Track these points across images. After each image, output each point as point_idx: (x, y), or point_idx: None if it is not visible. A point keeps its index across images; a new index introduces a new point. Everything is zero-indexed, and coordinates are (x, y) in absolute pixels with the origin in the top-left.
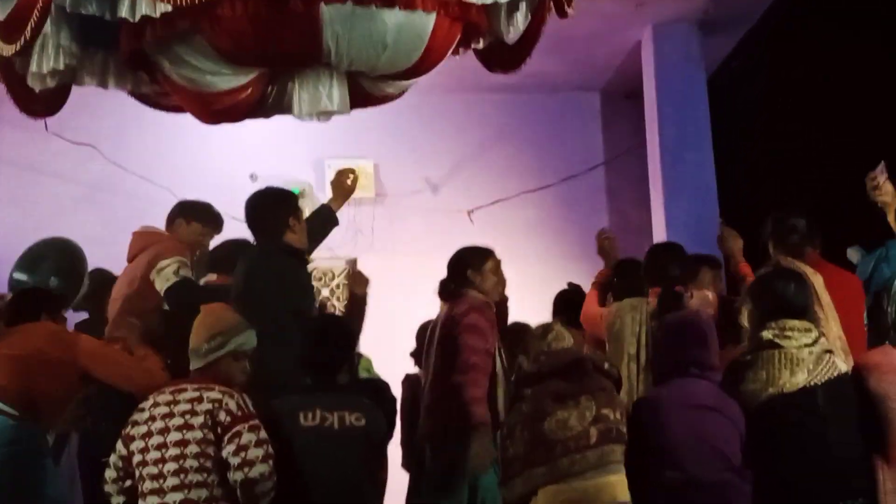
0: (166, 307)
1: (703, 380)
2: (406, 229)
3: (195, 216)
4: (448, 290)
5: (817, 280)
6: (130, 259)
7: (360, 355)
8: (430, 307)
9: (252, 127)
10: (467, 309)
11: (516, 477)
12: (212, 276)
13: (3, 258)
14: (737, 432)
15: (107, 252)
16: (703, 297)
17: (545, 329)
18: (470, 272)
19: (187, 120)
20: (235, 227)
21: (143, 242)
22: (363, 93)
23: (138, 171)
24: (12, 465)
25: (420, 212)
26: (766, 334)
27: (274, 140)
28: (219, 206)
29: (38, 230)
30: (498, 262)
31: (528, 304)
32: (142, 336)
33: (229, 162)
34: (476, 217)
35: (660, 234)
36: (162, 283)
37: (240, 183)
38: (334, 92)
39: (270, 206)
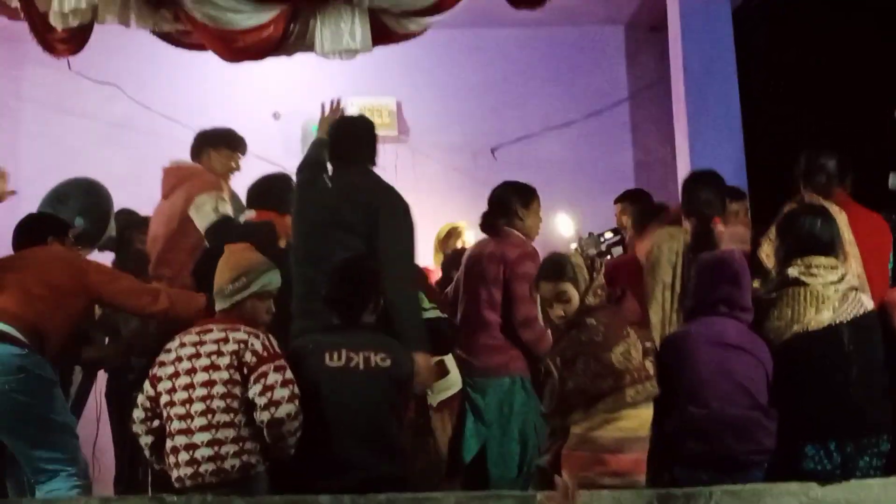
0: (207, 244)
1: (733, 318)
2: (429, 167)
3: (221, 142)
4: (494, 224)
5: (841, 218)
6: (165, 196)
7: None
8: None
9: (274, 65)
10: (521, 255)
11: (578, 408)
12: (251, 213)
13: (28, 196)
14: (763, 372)
15: (131, 191)
16: (736, 233)
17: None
18: (519, 208)
19: (210, 59)
20: (260, 166)
21: (176, 178)
22: (385, 30)
23: (161, 111)
24: (21, 393)
25: (443, 149)
26: (792, 271)
27: (296, 78)
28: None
29: (63, 169)
30: (539, 202)
31: (550, 242)
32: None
33: (252, 100)
34: (500, 154)
35: (684, 169)
36: (202, 221)
37: (262, 121)
38: (356, 29)
39: (370, 136)
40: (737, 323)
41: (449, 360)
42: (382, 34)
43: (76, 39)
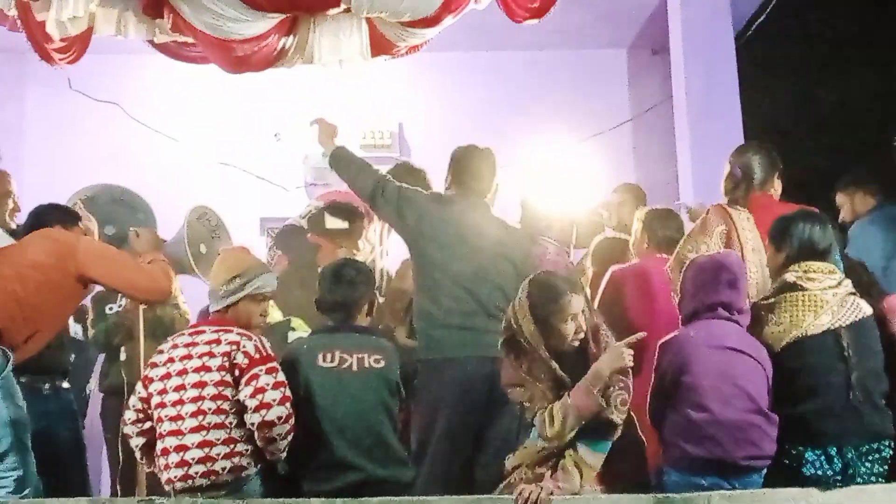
0: None
1: (731, 322)
2: (431, 188)
3: None
4: None
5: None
6: None
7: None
8: None
9: (276, 86)
10: None
11: None
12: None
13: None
14: (764, 375)
15: None
16: None
17: None
18: None
19: (211, 79)
20: (260, 186)
21: None
22: (384, 41)
23: (162, 130)
24: None
25: (445, 171)
26: (789, 276)
27: (298, 99)
28: (243, 165)
29: (65, 187)
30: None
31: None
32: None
33: (253, 121)
34: (503, 175)
35: (686, 192)
36: None
37: (264, 142)
38: (354, 39)
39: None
40: (736, 326)
41: None
42: (382, 46)
43: (74, 49)
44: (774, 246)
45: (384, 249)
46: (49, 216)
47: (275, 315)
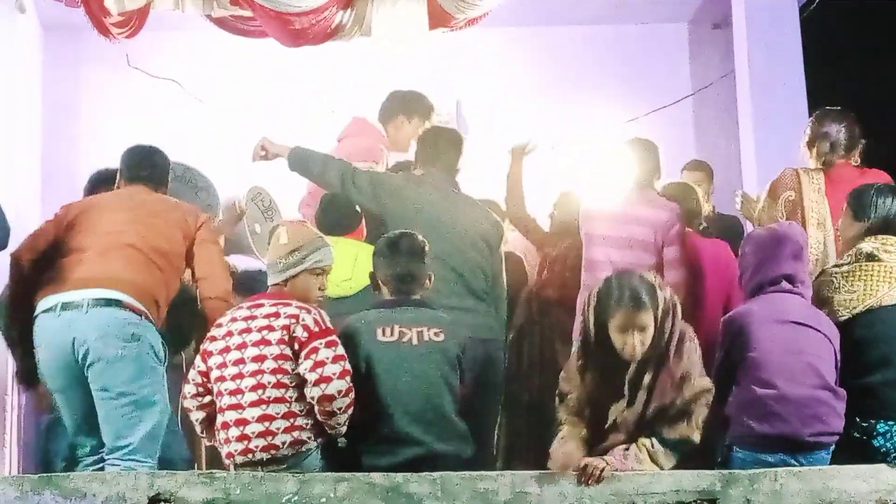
0: None
1: (796, 295)
2: (490, 166)
3: (416, 111)
4: None
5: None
6: (338, 139)
7: None
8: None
9: (333, 63)
10: None
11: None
12: None
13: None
14: (831, 348)
15: None
16: None
17: None
18: None
19: (269, 55)
20: None
21: (352, 129)
22: (443, 14)
23: (220, 106)
24: (134, 361)
25: (504, 148)
26: (866, 246)
27: (355, 77)
28: (300, 139)
29: None
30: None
31: None
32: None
33: (311, 98)
34: (560, 152)
35: (749, 168)
36: None
37: (320, 117)
38: (412, 10)
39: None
40: (801, 299)
41: None
42: (440, 18)
43: (132, 24)
44: (853, 214)
45: None
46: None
47: None
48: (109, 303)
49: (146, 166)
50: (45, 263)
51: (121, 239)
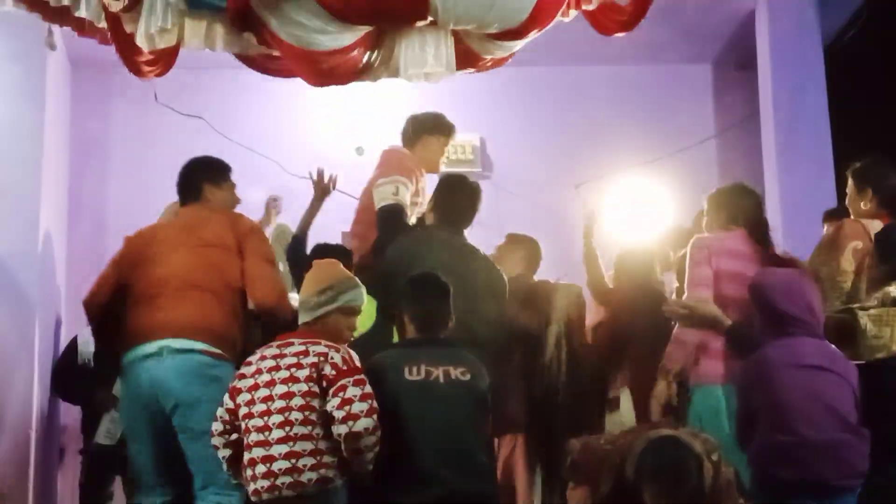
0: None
1: (812, 337)
2: (513, 203)
3: (437, 129)
4: None
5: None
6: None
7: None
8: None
9: (358, 100)
10: None
11: None
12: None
13: (115, 229)
14: (850, 389)
15: None
16: None
17: None
18: None
19: (295, 93)
20: (341, 200)
21: (383, 158)
22: (470, 54)
23: (246, 144)
24: (214, 401)
25: (526, 186)
26: (894, 291)
27: (380, 114)
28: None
29: (150, 202)
30: None
31: None
32: None
33: (336, 135)
34: (584, 190)
35: (773, 209)
36: (378, 202)
37: (346, 156)
38: (441, 51)
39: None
40: (814, 340)
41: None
42: (467, 58)
43: (162, 62)
44: (879, 256)
45: None
46: (197, 179)
47: None
48: (188, 351)
49: (185, 185)
50: (116, 308)
51: (188, 280)
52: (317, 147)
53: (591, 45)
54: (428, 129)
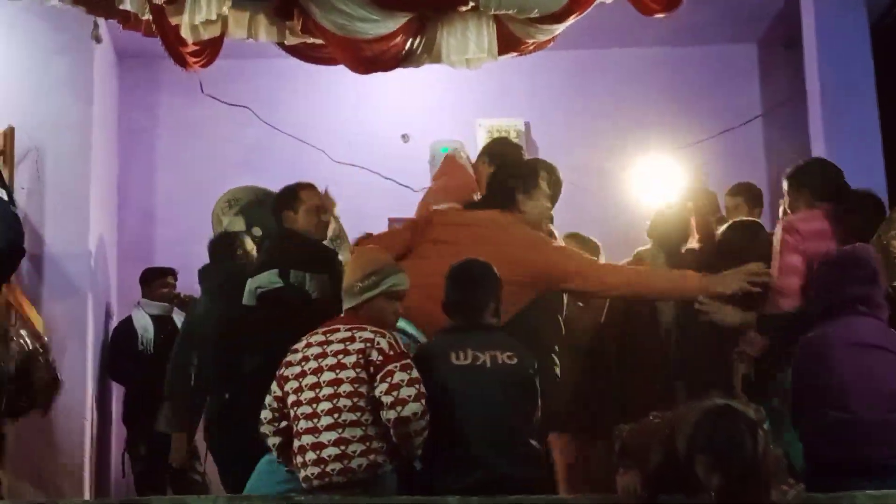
0: None
1: (871, 317)
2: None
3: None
4: None
5: None
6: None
7: None
8: None
9: (403, 87)
10: None
11: None
12: None
13: (163, 220)
14: None
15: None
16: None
17: None
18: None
19: (339, 81)
20: (388, 187)
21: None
22: (512, 38)
23: (292, 133)
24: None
25: (573, 170)
26: None
27: (424, 100)
28: (371, 167)
29: (197, 193)
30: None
31: None
32: None
33: (381, 122)
34: (630, 173)
35: None
36: None
37: (391, 143)
38: (482, 37)
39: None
40: (875, 321)
41: None
42: (509, 43)
43: (207, 53)
44: None
45: None
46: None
47: None
48: None
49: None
50: None
51: None
52: (362, 135)
53: (635, 28)
54: (491, 154)
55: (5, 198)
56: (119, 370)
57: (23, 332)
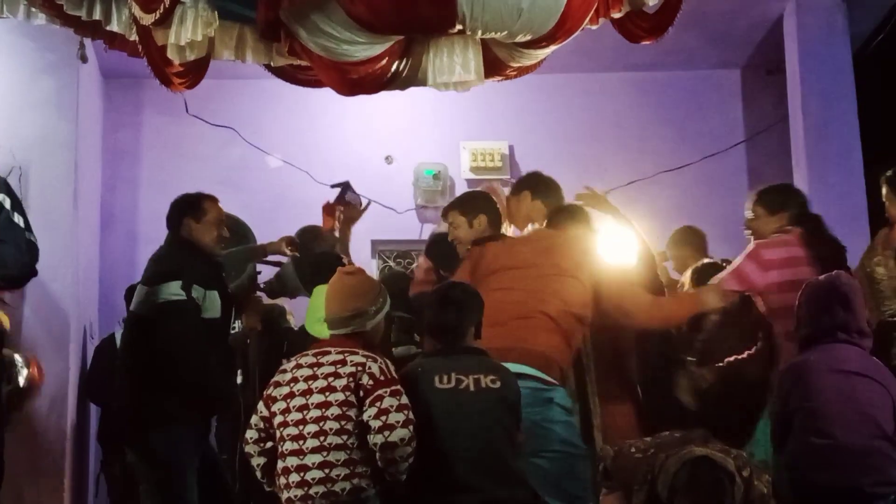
0: None
1: (852, 345)
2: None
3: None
4: None
5: None
6: None
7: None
8: None
9: (387, 109)
10: None
11: None
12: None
13: (146, 239)
14: (889, 399)
15: None
16: None
17: None
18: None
19: (324, 102)
20: (371, 208)
21: None
22: (498, 63)
23: (276, 154)
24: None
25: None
26: None
27: (409, 122)
28: (355, 188)
29: None
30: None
31: None
32: None
33: (365, 144)
34: (613, 197)
35: None
36: None
37: (375, 165)
38: (469, 60)
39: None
40: (857, 349)
41: None
42: (495, 67)
43: (193, 73)
44: None
45: None
46: None
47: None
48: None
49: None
50: None
51: None
52: (346, 156)
53: (620, 52)
54: (532, 188)
55: (22, 224)
56: (95, 389)
57: None
